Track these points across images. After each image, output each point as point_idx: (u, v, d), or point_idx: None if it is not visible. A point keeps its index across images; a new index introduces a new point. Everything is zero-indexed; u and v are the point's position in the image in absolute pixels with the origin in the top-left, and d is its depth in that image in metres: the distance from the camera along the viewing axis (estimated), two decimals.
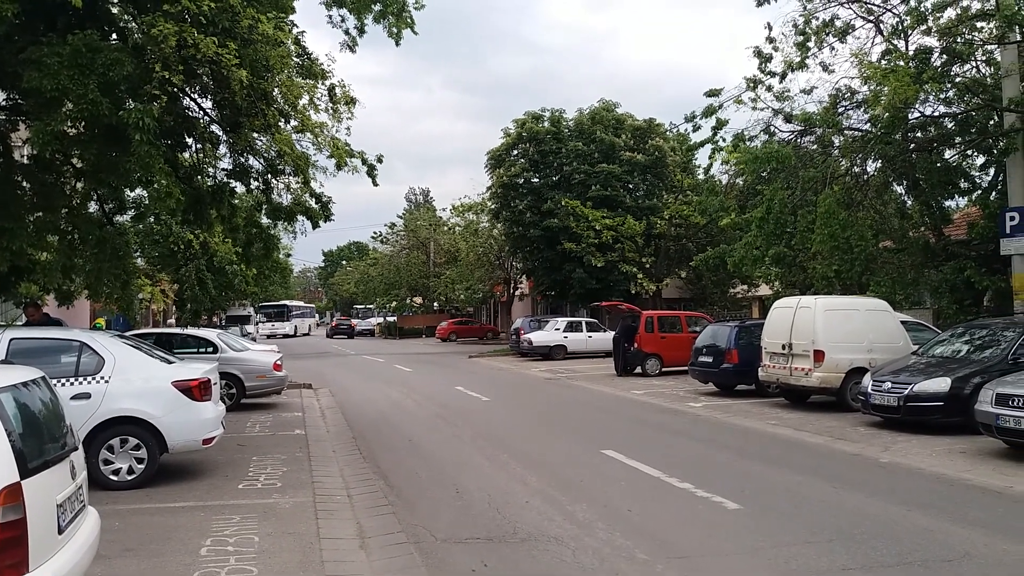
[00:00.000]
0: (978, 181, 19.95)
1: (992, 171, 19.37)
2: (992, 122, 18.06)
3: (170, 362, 9.77)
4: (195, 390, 9.15)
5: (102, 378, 8.85)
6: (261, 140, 12.18)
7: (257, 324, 64.21)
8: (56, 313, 17.37)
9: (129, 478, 8.79)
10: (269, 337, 56.19)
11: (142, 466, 8.84)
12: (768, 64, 20.30)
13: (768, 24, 20.15)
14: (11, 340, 8.82)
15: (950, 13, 17.87)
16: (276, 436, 12.90)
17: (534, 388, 21.99)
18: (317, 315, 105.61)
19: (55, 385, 5.52)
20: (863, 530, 7.16)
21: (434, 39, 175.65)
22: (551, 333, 32.75)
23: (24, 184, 11.95)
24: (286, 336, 65.68)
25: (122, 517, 7.42)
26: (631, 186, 38.36)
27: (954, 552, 6.57)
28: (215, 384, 9.83)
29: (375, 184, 13.41)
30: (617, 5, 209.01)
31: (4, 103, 11.92)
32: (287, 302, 79.33)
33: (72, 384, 8.69)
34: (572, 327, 32.96)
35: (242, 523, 7.37)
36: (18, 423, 4.35)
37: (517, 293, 51.89)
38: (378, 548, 6.94)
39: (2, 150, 11.96)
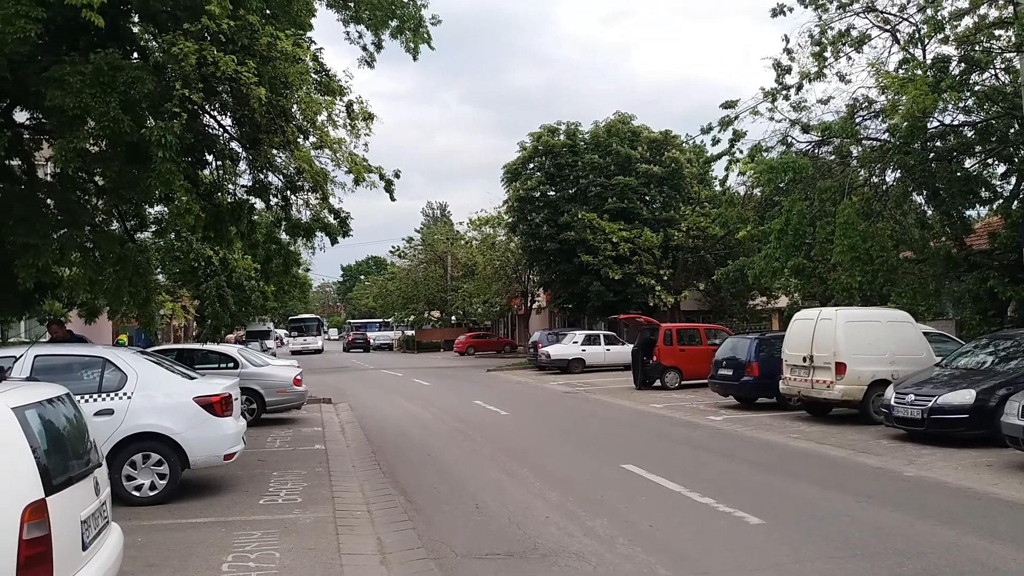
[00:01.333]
0: (999, 190, 19.76)
1: (1014, 180, 19.19)
2: (1012, 130, 17.91)
3: (191, 378, 9.83)
4: (216, 406, 9.19)
5: (125, 394, 8.92)
6: (280, 157, 12.27)
7: (279, 339, 63.87)
8: (79, 329, 17.52)
9: (151, 494, 8.83)
10: (295, 354, 53.10)
11: (164, 482, 8.89)
12: (785, 76, 20.30)
13: (785, 36, 20.12)
14: (36, 357, 8.89)
15: (967, 21, 17.80)
16: (296, 451, 12.94)
17: (553, 402, 21.93)
18: (334, 329, 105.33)
19: (79, 401, 5.56)
20: (888, 545, 7.07)
21: (451, 55, 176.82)
22: (569, 346, 32.65)
23: (48, 201, 12.10)
24: (316, 352, 61.79)
25: (145, 533, 7.46)
26: (648, 198, 38.29)
27: (982, 567, 6.46)
28: (236, 399, 9.88)
29: (392, 199, 13.47)
30: (631, 19, 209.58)
31: (28, 122, 12.09)
32: (319, 316, 77.30)
33: (95, 400, 8.76)
34: (590, 340, 32.86)
35: (263, 539, 7.38)
36: (43, 440, 4.39)
37: (534, 306, 51.87)
38: (398, 564, 6.92)
39: (26, 168, 12.13)
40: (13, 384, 5.02)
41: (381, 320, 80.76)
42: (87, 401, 8.54)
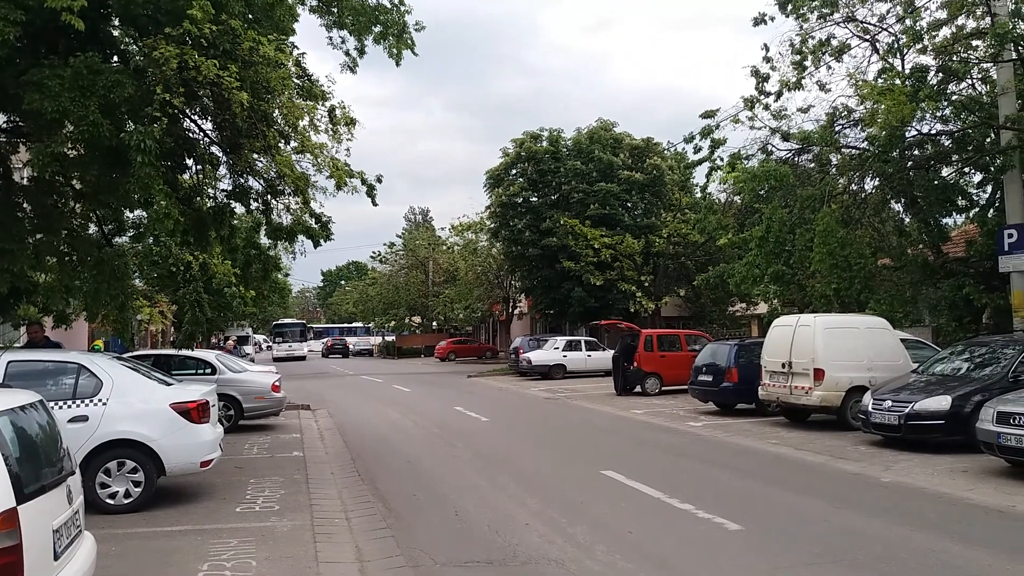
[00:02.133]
0: (976, 198, 20.00)
1: (990, 188, 19.43)
2: (989, 140, 18.13)
3: (168, 384, 9.74)
4: (193, 412, 9.10)
5: (100, 400, 8.81)
6: (261, 161, 12.19)
7: (257, 345, 63.15)
8: (53, 335, 17.31)
9: (126, 501, 8.73)
10: (279, 361, 51.78)
11: (139, 489, 8.79)
12: (765, 84, 20.46)
13: (765, 45, 20.31)
14: (8, 363, 8.79)
15: (945, 32, 18.03)
16: (274, 458, 12.84)
17: (533, 408, 21.92)
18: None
19: (52, 408, 5.49)
20: (866, 551, 7.12)
21: (435, 61, 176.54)
22: (550, 352, 32.67)
23: (24, 206, 11.96)
24: (300, 359, 59.75)
25: (119, 541, 7.36)
26: (629, 205, 38.48)
27: (958, 573, 6.53)
28: (213, 406, 9.79)
29: (374, 204, 13.42)
30: (615, 28, 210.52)
31: (4, 125, 11.94)
32: (303, 321, 74.75)
33: (70, 407, 8.65)
34: (571, 346, 32.89)
35: (239, 547, 7.31)
36: (15, 447, 4.33)
37: (516, 312, 51.88)
38: (377, 572, 6.89)
39: (2, 172, 11.97)
40: None
41: (342, 326, 79.95)
42: (61, 407, 8.44)
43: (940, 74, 18.00)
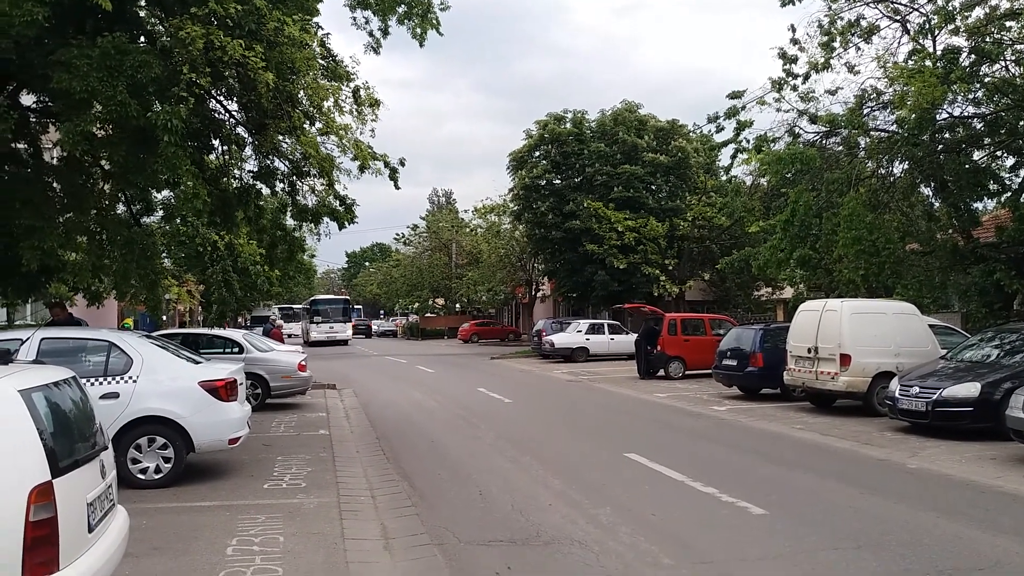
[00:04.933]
0: (1008, 183, 19.66)
1: (1022, 173, 19.10)
2: (1022, 123, 17.80)
3: (197, 362, 9.85)
4: (221, 390, 9.21)
5: (130, 378, 8.94)
6: (286, 142, 12.27)
7: (281, 326, 63.28)
8: (85, 313, 17.59)
9: (156, 477, 8.87)
10: (314, 345, 46.45)
11: (169, 465, 8.92)
12: (792, 65, 20.21)
13: (792, 26, 20.03)
14: (42, 340, 8.94)
15: (978, 12, 17.66)
16: (301, 436, 12.98)
17: (556, 390, 21.95)
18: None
19: (84, 384, 5.57)
20: (891, 537, 7.07)
21: (462, 42, 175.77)
22: (573, 335, 32.66)
23: (54, 185, 12.12)
24: (343, 343, 51.08)
25: (150, 516, 7.49)
26: (654, 187, 38.19)
27: (985, 560, 6.47)
28: (241, 384, 9.90)
29: (397, 187, 13.46)
30: (643, 9, 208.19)
31: (35, 105, 12.09)
32: (347, 297, 66.64)
33: (101, 383, 8.79)
34: (594, 329, 32.85)
35: (267, 523, 7.41)
36: (50, 422, 4.40)
37: (539, 295, 51.89)
38: (402, 549, 6.95)
39: (33, 151, 12.14)
40: (20, 367, 5.03)
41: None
42: (93, 384, 8.57)
43: (972, 56, 17.65)
